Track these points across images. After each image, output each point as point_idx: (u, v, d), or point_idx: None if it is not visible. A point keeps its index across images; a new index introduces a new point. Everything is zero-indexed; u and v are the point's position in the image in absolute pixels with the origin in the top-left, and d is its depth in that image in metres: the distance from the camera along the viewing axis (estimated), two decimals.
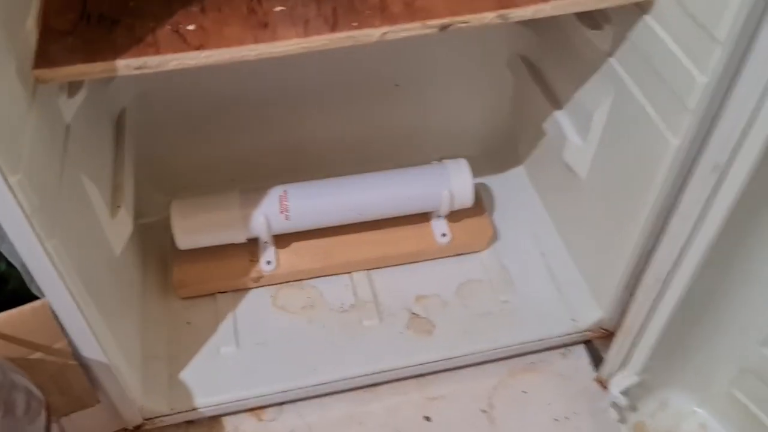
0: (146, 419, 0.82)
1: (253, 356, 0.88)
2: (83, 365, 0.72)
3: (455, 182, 0.92)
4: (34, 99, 0.58)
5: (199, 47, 0.59)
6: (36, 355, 0.69)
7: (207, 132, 1.01)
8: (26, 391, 0.58)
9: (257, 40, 0.60)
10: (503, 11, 0.63)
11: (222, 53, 0.60)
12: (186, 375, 0.86)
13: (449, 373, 0.91)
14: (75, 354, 0.70)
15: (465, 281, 0.96)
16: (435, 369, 0.90)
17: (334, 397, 0.89)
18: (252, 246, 0.94)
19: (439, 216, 0.97)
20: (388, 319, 0.92)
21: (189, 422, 0.85)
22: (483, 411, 0.88)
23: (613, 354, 0.82)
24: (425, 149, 1.09)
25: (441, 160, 1.09)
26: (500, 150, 1.12)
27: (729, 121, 0.58)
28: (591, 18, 0.76)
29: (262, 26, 0.62)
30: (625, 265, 0.81)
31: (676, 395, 0.77)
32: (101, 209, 0.74)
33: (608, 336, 0.92)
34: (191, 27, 0.61)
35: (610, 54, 0.76)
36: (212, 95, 0.96)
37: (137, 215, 0.94)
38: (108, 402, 0.77)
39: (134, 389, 0.79)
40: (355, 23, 0.62)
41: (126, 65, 0.58)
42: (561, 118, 0.89)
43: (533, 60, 0.97)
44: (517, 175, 1.10)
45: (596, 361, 0.92)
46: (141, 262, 0.94)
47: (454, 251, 0.98)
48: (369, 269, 0.97)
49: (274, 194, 0.90)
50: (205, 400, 0.84)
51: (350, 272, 0.96)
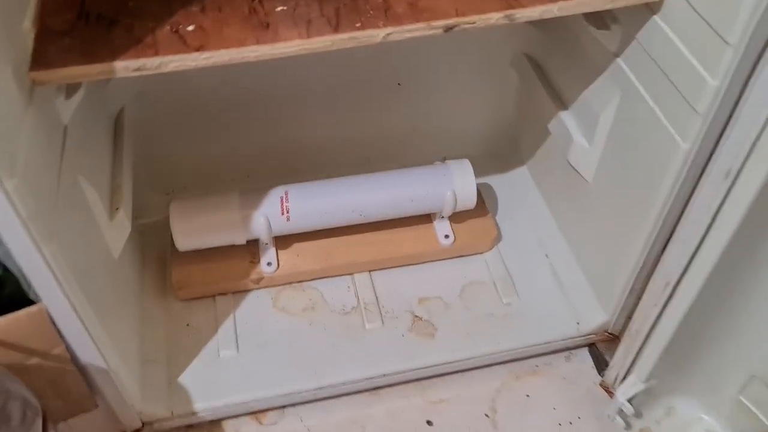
0: (145, 423, 0.81)
1: (254, 359, 0.86)
2: (81, 370, 0.71)
3: (458, 183, 0.91)
4: (31, 101, 0.57)
5: (199, 48, 0.58)
6: (33, 361, 0.68)
7: (207, 131, 1.00)
8: (22, 400, 0.57)
9: (258, 41, 0.59)
10: (510, 12, 0.62)
11: (222, 55, 0.58)
12: (185, 378, 0.84)
13: (451, 377, 0.90)
14: (73, 359, 0.69)
15: (468, 283, 0.95)
16: (437, 372, 0.89)
17: (336, 401, 0.87)
18: (252, 247, 0.93)
19: (442, 217, 0.95)
20: (390, 322, 0.90)
21: (189, 426, 0.84)
22: (486, 415, 0.87)
23: (619, 359, 0.81)
24: (428, 149, 1.08)
25: (444, 160, 1.08)
26: (503, 150, 1.11)
27: (741, 127, 0.57)
28: (598, 18, 0.75)
29: (263, 27, 0.61)
30: (631, 269, 0.80)
31: (683, 401, 0.76)
32: (99, 212, 0.73)
33: (612, 339, 0.91)
34: (191, 27, 0.60)
35: (618, 54, 0.75)
36: (212, 94, 0.95)
37: (136, 215, 0.92)
38: (107, 406, 0.76)
39: (133, 393, 0.78)
40: (359, 24, 0.61)
41: (124, 67, 0.57)
42: (566, 119, 0.88)
43: (538, 59, 0.96)
44: (521, 176, 1.08)
45: (600, 365, 0.91)
46: (139, 263, 0.93)
47: (457, 253, 0.97)
48: (371, 270, 0.95)
49: (275, 195, 0.89)
50: (205, 404, 0.83)
51: (352, 274, 0.95)
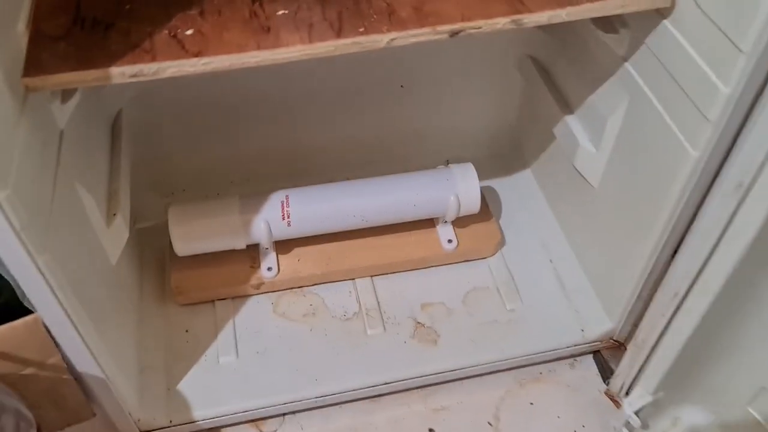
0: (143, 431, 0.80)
1: (253, 366, 0.85)
2: (78, 379, 0.69)
3: (462, 188, 0.89)
4: (25, 107, 0.56)
5: (198, 54, 0.56)
6: (28, 371, 0.67)
7: (206, 133, 0.98)
8: (15, 413, 0.56)
9: (259, 46, 0.57)
10: (517, 17, 0.60)
11: (222, 60, 0.57)
12: (184, 386, 0.83)
13: (454, 384, 0.89)
14: (69, 368, 0.68)
15: (471, 289, 0.94)
16: (440, 380, 0.88)
17: (337, 408, 0.86)
18: (252, 251, 0.91)
19: (445, 221, 0.94)
20: (393, 328, 0.89)
21: None
22: (489, 423, 0.86)
23: (625, 368, 0.79)
24: (430, 151, 1.07)
25: (447, 163, 1.06)
26: (507, 152, 1.09)
27: (754, 137, 0.55)
28: (606, 21, 0.73)
29: (264, 31, 0.59)
30: (638, 277, 0.79)
31: (690, 412, 0.75)
32: (96, 218, 0.71)
33: (618, 347, 0.90)
34: (189, 32, 0.58)
35: (626, 59, 0.73)
36: (212, 95, 0.93)
37: (134, 219, 0.92)
38: (104, 415, 0.75)
39: (131, 402, 0.77)
40: (362, 29, 0.59)
41: (120, 73, 0.55)
42: (572, 123, 0.86)
43: (543, 61, 0.94)
44: (524, 178, 1.07)
45: (605, 372, 0.89)
46: (138, 268, 0.92)
47: (461, 258, 0.95)
48: (373, 276, 0.94)
49: (276, 199, 0.87)
50: (204, 412, 0.81)
51: (353, 279, 0.94)
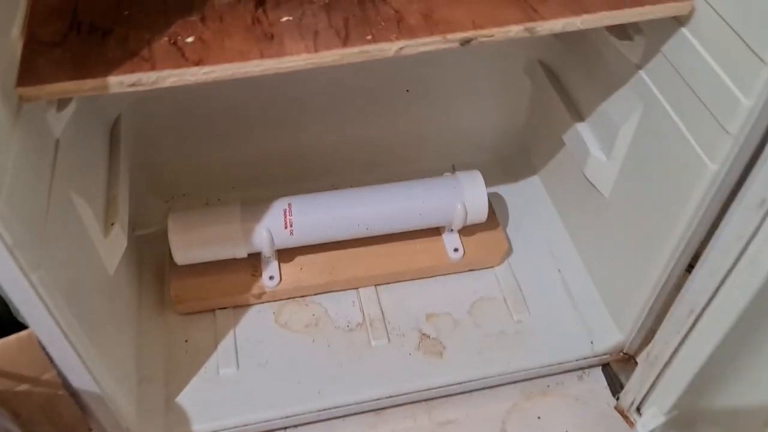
0: None
1: (254, 378, 0.83)
2: (73, 395, 0.67)
3: (469, 196, 0.87)
4: (18, 117, 0.53)
5: (199, 62, 0.54)
6: (22, 387, 0.65)
7: (207, 137, 0.96)
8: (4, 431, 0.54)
9: (262, 55, 0.55)
10: (530, 24, 0.58)
11: (223, 69, 0.54)
12: (183, 398, 0.81)
13: (460, 397, 0.87)
14: (64, 384, 0.66)
15: (478, 299, 0.91)
16: (445, 393, 0.85)
17: (339, 422, 0.84)
18: (254, 260, 0.89)
19: (452, 230, 0.92)
20: (397, 340, 0.87)
21: None
22: None
23: (636, 384, 0.77)
24: (436, 155, 1.05)
25: (453, 168, 1.04)
26: (514, 158, 1.07)
27: None
28: (620, 28, 0.71)
29: (268, 38, 0.57)
30: (650, 290, 0.77)
31: (704, 431, 0.73)
32: (93, 228, 0.69)
33: (628, 359, 0.88)
34: (190, 39, 0.56)
35: (641, 66, 0.71)
36: (213, 98, 0.91)
37: (134, 226, 0.89)
38: (100, 430, 0.73)
39: (128, 415, 0.74)
40: (369, 36, 0.57)
41: (118, 82, 0.53)
42: (583, 131, 0.84)
43: (553, 67, 0.92)
44: (532, 185, 1.05)
45: (614, 386, 0.87)
46: (136, 276, 0.89)
47: (467, 267, 0.93)
48: (377, 285, 0.92)
49: (278, 208, 0.85)
50: (203, 426, 0.79)
51: (357, 288, 0.92)
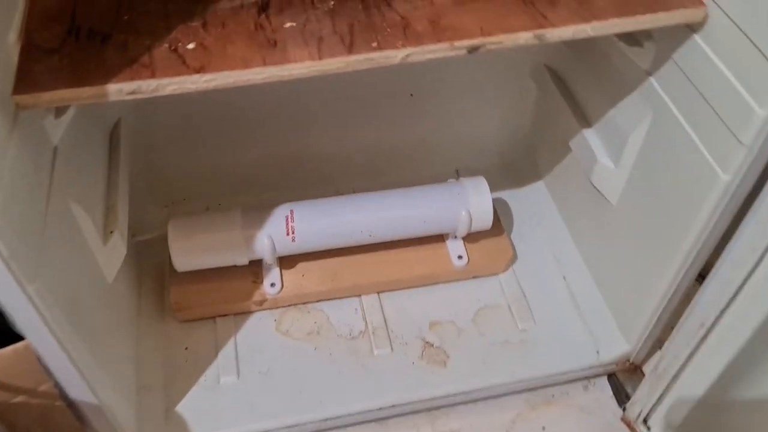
0: None
1: (255, 387, 0.82)
2: (71, 406, 0.66)
3: (474, 203, 0.86)
4: (15, 125, 0.52)
5: (200, 69, 0.53)
6: (19, 399, 0.64)
7: (208, 140, 0.95)
8: None
9: (265, 62, 0.54)
10: (540, 31, 0.57)
11: (225, 77, 0.53)
12: (183, 407, 0.80)
13: (464, 406, 0.85)
14: (62, 395, 0.65)
15: (482, 307, 0.90)
16: (449, 402, 0.84)
17: None
18: (255, 266, 0.88)
19: (456, 237, 0.90)
20: (400, 348, 0.86)
21: None
22: None
23: (643, 396, 0.76)
24: (440, 160, 1.04)
25: (457, 173, 1.03)
26: (519, 163, 1.06)
27: None
28: (630, 34, 0.70)
29: (271, 45, 0.56)
30: (658, 300, 0.75)
31: None
32: (92, 236, 0.68)
33: (634, 369, 0.86)
34: (191, 45, 0.55)
35: (650, 73, 0.70)
36: (214, 101, 0.90)
37: (133, 231, 0.88)
38: None
39: (127, 426, 0.73)
40: (375, 43, 0.55)
41: (117, 90, 0.52)
42: (590, 138, 0.83)
43: (560, 71, 0.91)
44: (537, 191, 1.03)
45: (620, 395, 0.86)
46: (136, 283, 0.88)
47: (471, 274, 0.92)
48: (380, 292, 0.90)
49: (280, 214, 0.84)
50: None
51: (359, 295, 0.90)
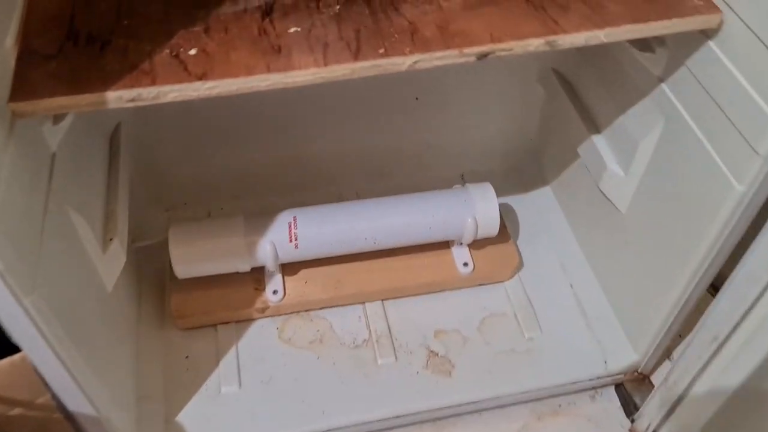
0: None
1: (257, 396, 0.80)
2: (69, 418, 0.65)
3: (480, 209, 0.84)
4: (11, 133, 0.50)
5: (202, 76, 0.51)
6: (16, 411, 0.62)
7: (209, 144, 0.93)
8: None
9: (269, 68, 0.52)
10: (551, 38, 0.55)
11: (228, 84, 0.52)
12: (183, 417, 0.78)
13: (469, 417, 0.84)
14: (59, 407, 0.63)
15: (488, 315, 0.88)
16: (454, 413, 0.83)
17: None
18: (257, 273, 0.86)
19: (461, 243, 0.89)
20: (404, 358, 0.84)
21: None
22: None
23: (653, 409, 0.75)
24: (444, 164, 1.03)
25: (462, 177, 1.02)
26: (525, 167, 1.04)
27: None
28: (642, 39, 0.68)
29: (275, 51, 0.54)
30: (668, 311, 0.74)
31: None
32: (91, 245, 0.66)
33: (642, 379, 0.85)
34: (193, 51, 0.53)
35: (663, 79, 0.68)
36: (216, 104, 0.86)
37: (133, 237, 0.87)
38: None
39: None
40: (382, 50, 0.54)
41: (117, 97, 0.50)
42: (599, 143, 0.81)
43: (568, 76, 0.89)
44: (544, 196, 1.02)
45: (628, 406, 0.85)
46: (136, 290, 0.87)
47: (477, 282, 0.90)
48: (384, 300, 0.89)
49: (283, 220, 0.82)
50: None
51: (363, 303, 0.89)
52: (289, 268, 0.87)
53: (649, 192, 0.74)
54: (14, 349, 0.59)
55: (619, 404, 0.86)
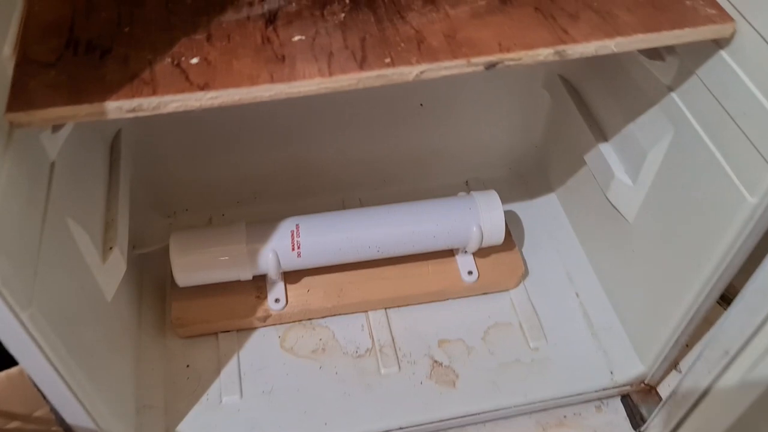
0: None
1: (258, 407, 0.79)
2: (67, 430, 0.64)
3: (485, 218, 0.83)
4: (9, 143, 0.49)
5: (204, 86, 0.50)
6: (13, 425, 0.61)
7: (211, 150, 0.92)
8: None
9: (273, 78, 0.51)
10: (561, 47, 0.54)
11: (230, 94, 0.51)
12: (184, 427, 0.77)
13: (473, 428, 0.83)
14: (58, 420, 0.62)
15: (492, 324, 0.87)
16: (457, 424, 0.82)
17: None
18: (259, 281, 0.85)
19: (466, 251, 0.88)
20: (408, 367, 0.83)
21: None
22: None
23: (661, 422, 0.74)
24: (449, 171, 1.02)
25: (467, 183, 1.01)
26: (531, 174, 1.03)
27: None
28: (652, 48, 0.67)
29: (279, 60, 0.53)
30: (676, 322, 0.73)
31: None
32: (91, 254, 0.65)
33: (649, 390, 0.84)
34: (195, 60, 0.52)
35: (672, 88, 0.67)
36: (218, 110, 0.86)
37: (134, 244, 0.86)
38: None
39: None
40: (388, 59, 0.53)
41: (117, 108, 0.49)
42: (606, 152, 0.80)
43: (574, 82, 0.88)
44: (549, 203, 1.01)
45: (634, 417, 0.83)
46: (136, 298, 0.85)
47: (481, 290, 0.89)
48: (387, 308, 0.88)
49: (285, 228, 0.81)
50: None
51: (366, 311, 0.88)
52: (292, 276, 0.86)
53: (658, 202, 0.73)
54: (11, 361, 0.57)
55: (626, 415, 0.85)
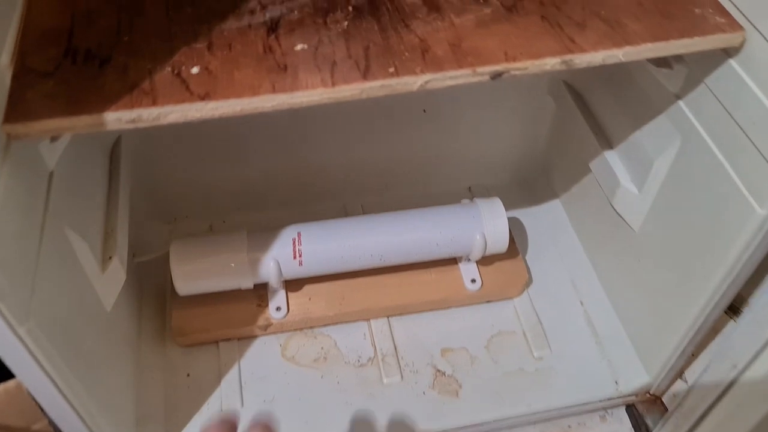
0: None
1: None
2: None
3: (489, 226, 0.82)
4: (7, 155, 0.48)
5: (205, 97, 0.49)
6: None
7: (211, 156, 0.91)
8: None
9: (275, 88, 0.50)
10: (568, 57, 0.53)
11: (232, 105, 0.50)
12: None
13: None
14: None
15: (496, 333, 0.86)
16: None
17: None
18: (260, 289, 0.84)
19: (469, 259, 0.87)
20: (411, 377, 0.82)
21: None
22: None
23: None
24: (452, 177, 1.01)
25: (470, 189, 1.00)
26: (534, 180, 1.03)
27: None
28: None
29: (281, 69, 0.52)
30: (683, 333, 0.72)
31: None
32: (90, 264, 0.64)
33: (654, 400, 0.83)
34: (195, 70, 0.51)
35: (680, 97, 0.66)
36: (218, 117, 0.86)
37: (133, 251, 0.85)
38: None
39: None
40: (392, 69, 0.52)
41: (116, 119, 0.48)
42: (612, 160, 0.79)
43: (579, 88, 0.87)
44: (553, 209, 1.00)
45: (639, 427, 0.82)
46: (136, 306, 0.85)
47: (485, 298, 0.88)
48: (389, 316, 0.87)
49: (287, 236, 0.80)
50: None
51: (368, 320, 0.87)
52: (293, 284, 0.85)
53: (664, 211, 0.72)
54: (8, 374, 0.57)
55: (630, 426, 0.84)
